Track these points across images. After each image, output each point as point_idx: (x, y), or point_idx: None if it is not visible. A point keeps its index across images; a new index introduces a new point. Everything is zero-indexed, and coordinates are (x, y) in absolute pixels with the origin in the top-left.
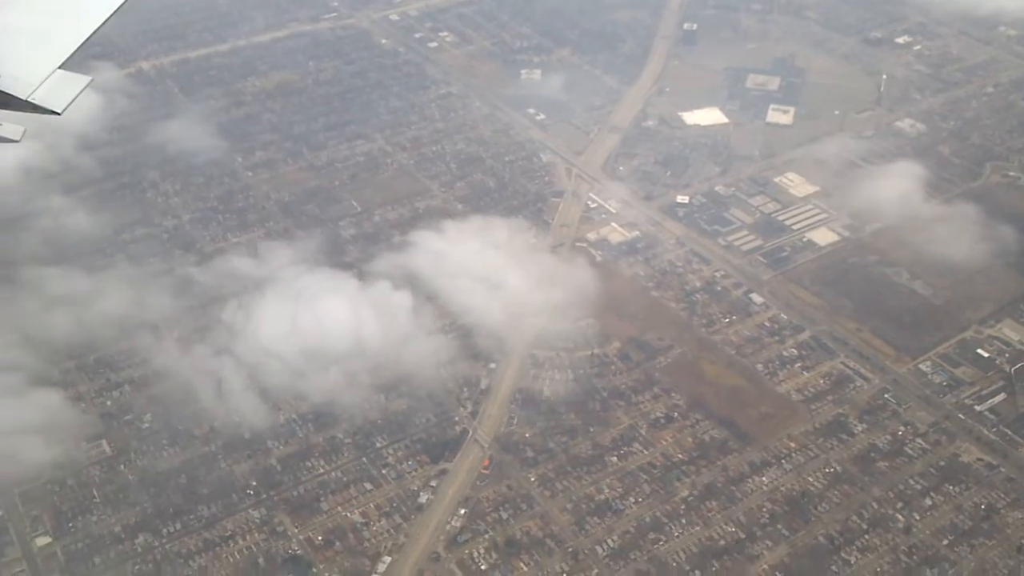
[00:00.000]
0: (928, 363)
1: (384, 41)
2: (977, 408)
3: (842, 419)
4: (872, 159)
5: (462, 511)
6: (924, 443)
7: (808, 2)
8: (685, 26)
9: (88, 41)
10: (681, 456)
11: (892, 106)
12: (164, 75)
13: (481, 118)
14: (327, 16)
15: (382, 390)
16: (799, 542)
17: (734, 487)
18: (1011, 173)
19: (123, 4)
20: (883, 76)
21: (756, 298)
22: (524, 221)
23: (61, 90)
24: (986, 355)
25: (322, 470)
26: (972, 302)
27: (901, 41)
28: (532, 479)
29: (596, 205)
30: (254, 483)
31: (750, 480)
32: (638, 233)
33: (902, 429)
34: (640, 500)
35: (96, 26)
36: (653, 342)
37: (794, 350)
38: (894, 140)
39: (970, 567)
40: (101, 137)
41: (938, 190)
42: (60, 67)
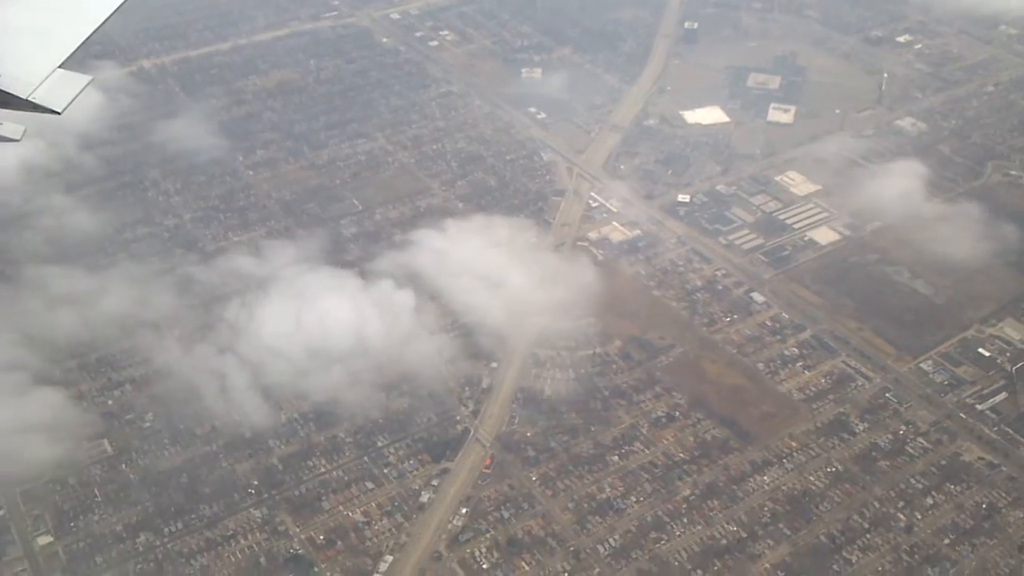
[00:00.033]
0: (929, 362)
1: (385, 40)
2: (978, 407)
3: (843, 418)
4: (873, 158)
5: (464, 510)
6: (925, 442)
7: (809, 1)
8: (686, 25)
9: (89, 40)
10: (682, 455)
11: (893, 105)
12: (165, 74)
13: (482, 117)
14: (328, 15)
15: (384, 389)
16: (800, 541)
17: (735, 486)
18: (1012, 172)
19: (124, 3)
20: (884, 75)
21: (757, 297)
22: (525, 220)
23: (61, 89)
24: (987, 354)
25: (324, 469)
26: (973, 301)
27: (902, 40)
28: (533, 478)
29: (597, 204)
30: (255, 482)
31: (751, 479)
32: (639, 232)
33: (903, 428)
34: (641, 499)
35: (96, 25)
36: (654, 341)
37: (795, 349)
38: (895, 139)
39: (971, 566)
40: (102, 136)
41: (939, 189)
42: (60, 66)
